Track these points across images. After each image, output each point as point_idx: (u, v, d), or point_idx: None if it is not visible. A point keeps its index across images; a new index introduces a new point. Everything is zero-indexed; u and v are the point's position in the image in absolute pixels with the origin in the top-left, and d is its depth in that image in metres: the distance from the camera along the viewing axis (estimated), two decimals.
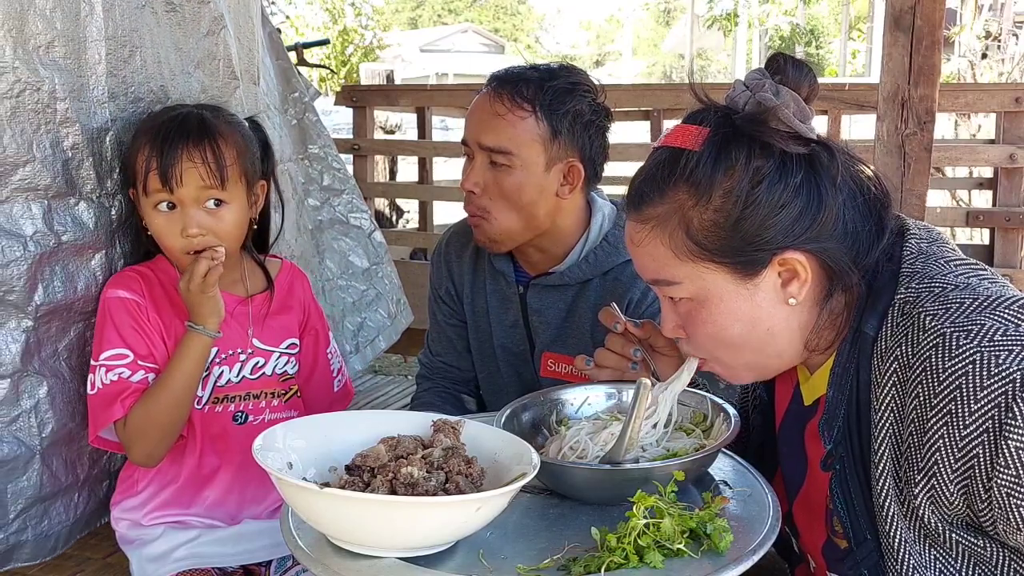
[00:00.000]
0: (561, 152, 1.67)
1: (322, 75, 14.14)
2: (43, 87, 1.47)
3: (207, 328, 1.53)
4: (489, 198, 1.68)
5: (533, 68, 1.70)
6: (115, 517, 1.67)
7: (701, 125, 1.08)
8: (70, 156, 1.53)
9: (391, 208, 6.41)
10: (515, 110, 1.64)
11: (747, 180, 1.04)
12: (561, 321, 1.79)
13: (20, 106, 1.45)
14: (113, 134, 1.60)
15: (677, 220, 1.07)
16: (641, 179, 1.13)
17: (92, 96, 1.57)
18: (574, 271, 1.76)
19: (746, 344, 1.12)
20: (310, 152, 2.84)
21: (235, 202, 1.56)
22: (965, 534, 1.02)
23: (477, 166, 1.68)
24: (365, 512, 0.99)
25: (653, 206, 1.09)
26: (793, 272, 1.08)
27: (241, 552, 1.66)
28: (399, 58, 23.29)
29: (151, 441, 1.54)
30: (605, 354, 1.38)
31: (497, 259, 1.83)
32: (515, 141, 1.64)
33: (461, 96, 5.62)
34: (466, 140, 1.71)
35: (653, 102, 5.31)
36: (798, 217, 1.05)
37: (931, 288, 1.04)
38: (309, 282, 1.83)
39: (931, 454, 0.98)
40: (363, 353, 2.89)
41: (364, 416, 1.26)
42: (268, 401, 1.68)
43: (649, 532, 1.02)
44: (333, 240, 2.90)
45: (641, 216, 1.11)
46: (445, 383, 1.98)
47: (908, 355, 1.02)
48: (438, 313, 1.97)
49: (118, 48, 1.61)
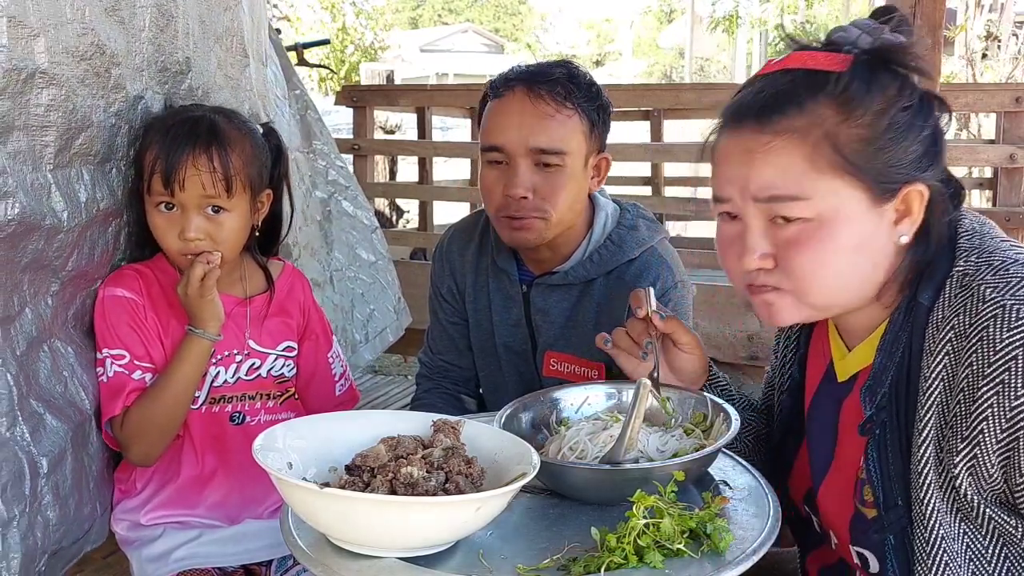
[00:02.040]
0: (594, 145, 1.70)
1: (322, 75, 14.16)
2: (107, 50, 1.44)
3: (207, 332, 1.53)
4: (542, 198, 1.66)
5: (551, 66, 1.70)
6: (115, 518, 1.67)
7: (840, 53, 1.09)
8: (114, 123, 1.50)
9: (391, 208, 6.42)
10: (561, 109, 1.64)
11: (897, 105, 1.06)
12: (565, 320, 1.78)
13: (91, 68, 1.41)
14: (144, 102, 1.58)
15: (822, 133, 1.07)
16: (768, 92, 1.11)
17: (135, 63, 1.54)
18: (578, 270, 1.76)
19: (845, 275, 1.10)
20: (315, 147, 2.85)
21: (236, 210, 1.56)
22: (998, 511, 1.04)
23: (523, 170, 1.64)
24: (365, 512, 0.99)
25: (789, 118, 1.08)
26: (907, 210, 1.09)
27: (241, 552, 1.66)
28: (399, 58, 23.30)
29: (149, 441, 1.54)
30: (622, 335, 1.38)
31: (501, 257, 1.83)
32: (566, 140, 1.64)
33: (461, 96, 5.62)
34: (502, 145, 1.66)
35: (653, 102, 5.33)
36: (926, 152, 1.08)
37: (990, 262, 1.07)
38: (310, 286, 1.82)
39: (977, 423, 1.01)
40: (373, 343, 2.90)
41: (364, 416, 1.26)
42: (264, 402, 1.69)
43: (649, 532, 1.02)
44: (341, 232, 2.90)
45: (772, 126, 1.08)
46: (446, 382, 1.98)
47: (965, 325, 1.04)
48: (439, 311, 1.96)
49: (159, 17, 1.58)
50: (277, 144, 1.70)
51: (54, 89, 1.34)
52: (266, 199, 1.66)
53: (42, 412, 1.43)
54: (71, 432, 1.47)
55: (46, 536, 1.42)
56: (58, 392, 1.48)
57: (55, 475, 1.43)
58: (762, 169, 1.09)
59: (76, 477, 1.49)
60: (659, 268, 1.74)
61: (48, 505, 1.42)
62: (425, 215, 5.04)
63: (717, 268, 4.23)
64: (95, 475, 1.57)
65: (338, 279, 2.79)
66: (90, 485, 1.55)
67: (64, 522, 1.46)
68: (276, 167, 1.69)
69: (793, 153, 1.07)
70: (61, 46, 1.34)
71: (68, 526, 1.47)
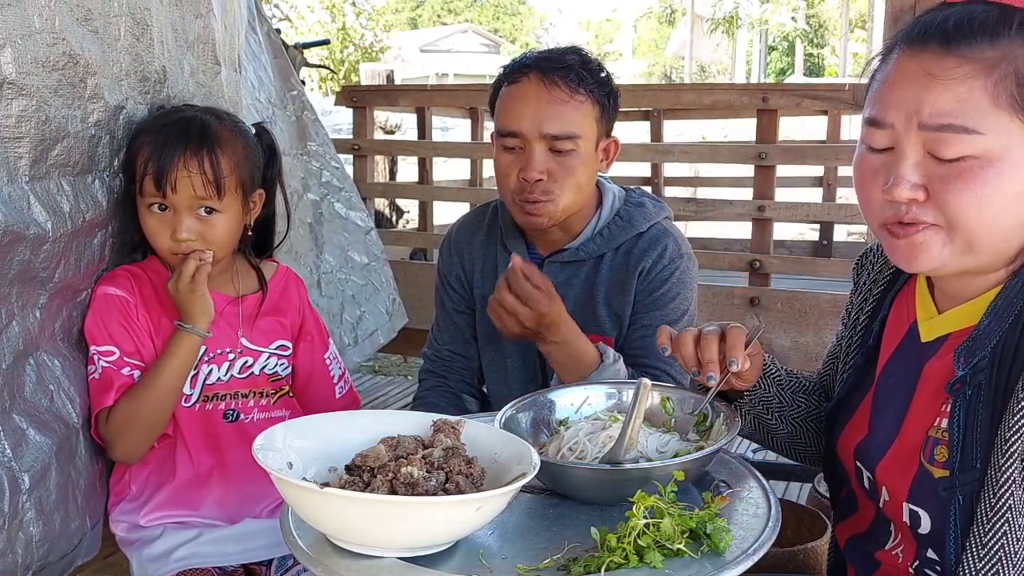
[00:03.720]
0: (604, 129, 1.76)
1: (322, 75, 14.16)
2: (80, 60, 1.43)
3: (197, 327, 1.53)
4: (554, 180, 1.71)
5: (563, 52, 1.75)
6: (113, 520, 1.67)
7: None
8: (93, 133, 1.50)
9: (391, 208, 6.41)
10: (575, 95, 1.69)
11: None
12: (576, 297, 1.81)
13: (64, 79, 1.41)
14: (126, 112, 1.58)
15: (1011, 70, 1.03)
16: (959, 18, 1.07)
17: (113, 72, 1.54)
18: (589, 246, 1.81)
19: (1002, 220, 1.06)
20: (309, 148, 2.85)
21: (228, 211, 1.57)
22: None
23: (538, 154, 1.70)
24: (365, 512, 0.99)
25: (979, 47, 1.04)
26: None
27: (242, 551, 1.66)
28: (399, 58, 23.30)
29: (134, 438, 1.54)
30: (688, 349, 1.30)
31: (511, 241, 1.87)
32: (579, 125, 1.70)
33: (461, 96, 5.62)
34: (519, 131, 1.70)
35: (653, 102, 5.32)
36: None
37: None
38: (305, 287, 1.83)
39: None
40: (362, 346, 2.90)
41: (364, 416, 1.26)
42: (257, 400, 1.69)
43: (649, 532, 1.02)
44: (332, 234, 2.90)
45: (961, 53, 1.04)
46: (449, 376, 1.98)
47: None
48: (447, 301, 1.98)
49: (134, 25, 1.58)
50: (270, 144, 1.71)
51: (24, 100, 1.33)
52: (258, 199, 1.66)
53: (25, 427, 1.42)
54: (56, 446, 1.46)
55: (28, 553, 1.40)
56: (44, 406, 1.47)
57: (38, 490, 1.42)
58: (940, 94, 1.03)
59: (61, 492, 1.48)
60: (666, 239, 1.80)
61: (31, 521, 1.41)
62: (425, 215, 5.03)
63: (717, 268, 4.26)
64: (83, 489, 1.55)
65: (327, 282, 2.79)
66: (78, 499, 1.53)
67: (49, 538, 1.44)
68: (270, 167, 1.69)
69: (975, 84, 1.02)
70: (30, 56, 1.33)
71: (54, 542, 1.46)
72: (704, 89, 5.63)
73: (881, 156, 1.10)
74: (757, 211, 3.96)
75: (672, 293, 1.78)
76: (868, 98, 1.13)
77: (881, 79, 1.11)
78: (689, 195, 6.97)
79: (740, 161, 4.49)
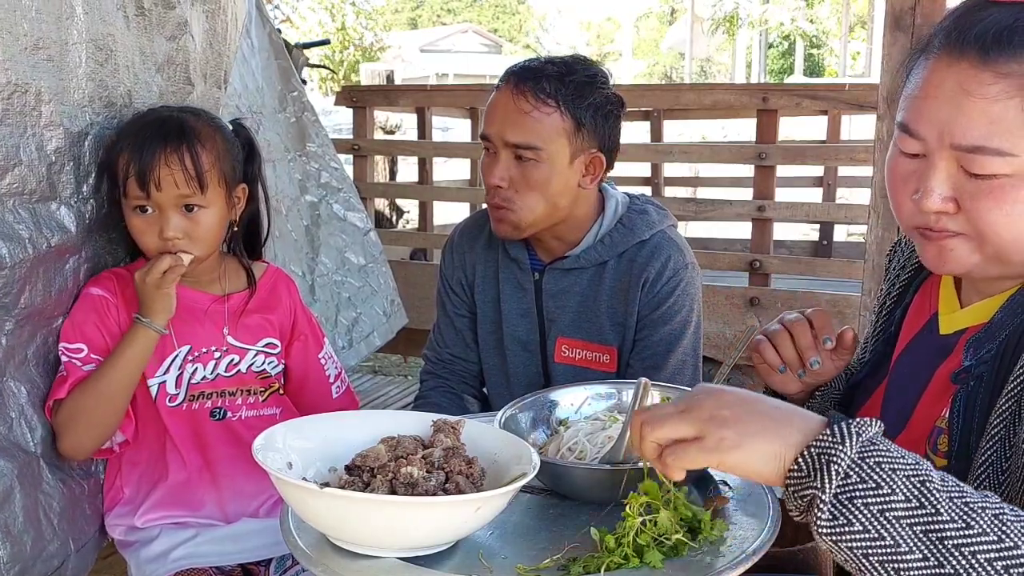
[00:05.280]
0: (584, 144, 1.71)
1: (322, 75, 14.16)
2: (30, 89, 1.46)
3: (154, 323, 1.52)
4: (515, 190, 1.71)
5: (550, 62, 1.73)
6: (110, 524, 1.67)
7: None
8: (53, 160, 1.51)
9: (391, 208, 6.41)
10: (540, 106, 1.67)
11: None
12: (577, 305, 1.81)
13: (10, 108, 1.43)
14: (92, 138, 1.59)
15: None
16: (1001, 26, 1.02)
17: (74, 99, 1.55)
18: (590, 253, 1.80)
19: None
20: (308, 149, 2.85)
21: (213, 206, 1.57)
22: None
23: (503, 161, 1.71)
24: (365, 512, 0.99)
25: (1020, 62, 1.00)
26: None
27: (240, 551, 1.65)
28: (399, 58, 23.31)
29: (79, 431, 1.52)
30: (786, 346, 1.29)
31: (512, 247, 1.86)
32: (542, 137, 1.68)
33: (461, 96, 5.62)
34: (489, 136, 1.73)
35: (653, 102, 5.32)
36: None
37: None
38: (296, 287, 1.83)
39: None
40: (357, 348, 2.90)
41: (364, 416, 1.26)
42: (245, 398, 1.68)
43: (646, 530, 1.02)
44: (329, 236, 2.90)
45: (998, 69, 1.01)
46: (450, 378, 1.99)
47: None
48: (448, 304, 1.98)
49: (96, 52, 1.60)
50: (248, 140, 1.71)
51: None
52: (242, 193, 1.66)
53: None
54: (17, 470, 1.45)
55: None
56: (1, 433, 1.45)
57: (3, 513, 1.41)
58: (973, 117, 1.00)
59: (30, 514, 1.47)
60: (670, 249, 1.79)
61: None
62: (425, 215, 5.03)
63: (717, 268, 4.26)
64: (57, 512, 1.53)
65: (322, 284, 2.79)
66: (53, 522, 1.52)
67: (19, 559, 1.43)
68: (250, 164, 1.69)
69: (1010, 104, 0.98)
70: None
71: (25, 563, 1.45)
72: (704, 89, 5.63)
73: (913, 162, 1.08)
74: (757, 211, 3.96)
75: (677, 306, 1.78)
76: (903, 97, 1.10)
77: (916, 82, 1.08)
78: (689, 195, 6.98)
79: (740, 161, 4.50)
